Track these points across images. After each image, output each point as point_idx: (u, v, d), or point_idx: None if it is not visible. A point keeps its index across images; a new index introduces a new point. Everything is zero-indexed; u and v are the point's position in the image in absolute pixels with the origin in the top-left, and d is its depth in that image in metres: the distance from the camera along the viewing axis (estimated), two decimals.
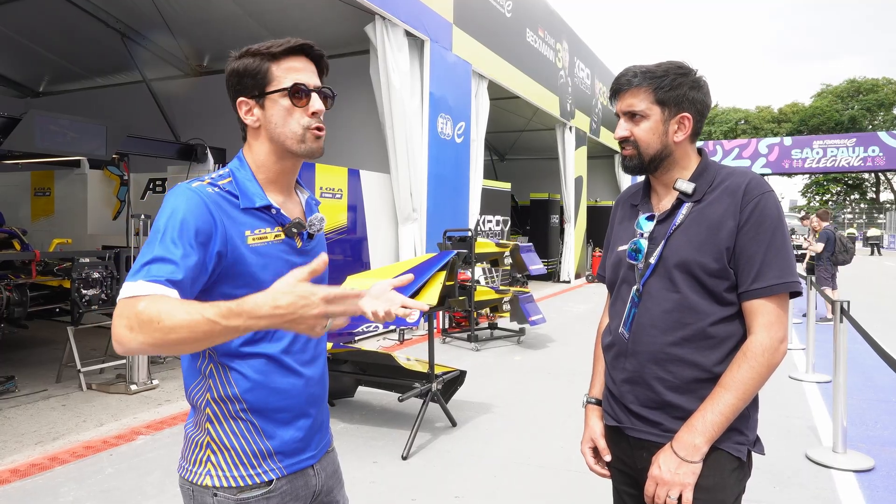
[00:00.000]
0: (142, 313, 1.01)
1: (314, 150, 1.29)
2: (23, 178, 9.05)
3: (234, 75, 1.29)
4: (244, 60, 1.27)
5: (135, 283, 1.07)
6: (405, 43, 7.86)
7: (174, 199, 1.18)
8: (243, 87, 1.27)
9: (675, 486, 1.38)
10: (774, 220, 1.41)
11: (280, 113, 1.26)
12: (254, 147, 1.31)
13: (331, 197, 7.06)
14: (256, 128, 1.29)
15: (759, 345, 1.39)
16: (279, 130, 1.27)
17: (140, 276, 1.08)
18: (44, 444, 3.97)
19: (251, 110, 1.28)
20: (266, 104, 1.27)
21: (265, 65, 1.26)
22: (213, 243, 1.17)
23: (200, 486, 1.26)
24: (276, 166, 1.31)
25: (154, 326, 1.00)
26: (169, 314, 1.00)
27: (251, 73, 1.26)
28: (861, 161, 32.24)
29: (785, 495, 3.41)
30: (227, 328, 0.99)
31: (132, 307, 1.03)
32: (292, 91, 1.25)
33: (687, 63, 1.50)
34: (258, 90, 1.27)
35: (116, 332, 1.03)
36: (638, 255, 1.51)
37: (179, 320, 0.99)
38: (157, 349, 1.02)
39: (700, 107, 1.49)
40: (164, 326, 1.00)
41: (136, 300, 1.04)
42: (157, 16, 8.69)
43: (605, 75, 18.20)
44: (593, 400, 1.68)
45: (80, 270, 5.16)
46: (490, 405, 4.97)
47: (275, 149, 1.29)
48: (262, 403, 1.26)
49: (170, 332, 1.00)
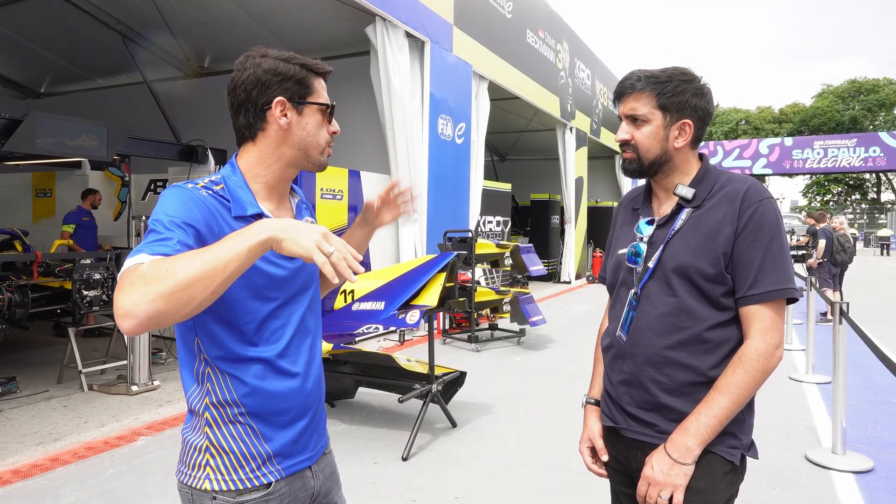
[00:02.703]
0: (146, 272, 0.99)
1: (325, 165, 1.37)
2: (24, 179, 9.08)
3: (275, 74, 1.28)
4: (290, 66, 1.29)
5: (135, 257, 1.05)
6: (405, 44, 7.87)
7: (169, 195, 1.21)
8: (285, 89, 1.28)
9: (666, 486, 1.40)
10: (772, 227, 1.42)
11: (315, 124, 1.32)
12: (264, 150, 1.31)
13: (331, 198, 7.07)
14: (285, 129, 1.29)
15: (755, 350, 1.40)
16: (310, 139, 1.31)
17: (139, 252, 1.07)
18: (45, 445, 3.98)
19: (286, 112, 1.29)
20: (304, 111, 1.30)
21: (311, 77, 1.32)
22: (209, 233, 1.19)
23: (199, 489, 1.26)
24: (282, 173, 1.33)
25: (162, 277, 0.98)
26: (173, 263, 1.00)
27: (298, 79, 1.29)
28: (862, 161, 32.22)
29: (784, 496, 3.42)
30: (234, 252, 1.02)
31: (134, 271, 1.01)
32: (331, 109, 1.35)
33: (691, 70, 1.51)
34: (299, 97, 1.30)
35: (121, 300, 0.97)
36: (637, 258, 1.52)
37: (185, 262, 1.00)
38: (169, 302, 0.97)
39: (702, 114, 1.50)
40: (173, 272, 0.98)
41: (137, 265, 1.02)
42: (158, 17, 8.71)
43: (606, 76, 18.21)
44: (592, 400, 1.70)
45: (82, 272, 5.17)
46: (490, 406, 4.98)
47: (293, 154, 1.31)
48: (259, 407, 1.27)
49: (180, 276, 0.98)
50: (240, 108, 1.30)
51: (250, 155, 1.32)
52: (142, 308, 0.96)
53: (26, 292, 5.17)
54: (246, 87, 1.28)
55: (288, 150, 1.31)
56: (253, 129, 1.30)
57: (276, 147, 1.31)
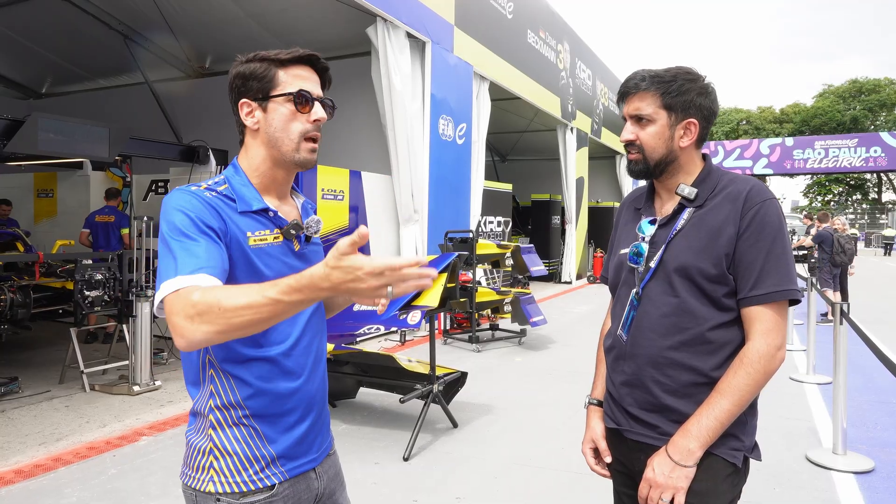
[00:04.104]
0: (199, 303, 1.04)
1: (307, 161, 1.31)
2: (26, 179, 9.08)
3: (239, 77, 1.30)
4: (251, 64, 1.29)
5: (173, 280, 1.09)
6: (406, 44, 7.88)
7: (174, 199, 1.21)
8: (247, 89, 1.29)
9: (668, 489, 1.39)
10: (775, 228, 1.41)
11: (281, 118, 1.28)
12: (250, 151, 1.33)
13: (332, 198, 7.08)
14: (255, 130, 1.30)
15: (756, 351, 1.39)
16: (278, 135, 1.29)
17: (174, 274, 1.10)
18: (47, 445, 3.99)
19: (252, 112, 1.29)
20: (269, 107, 1.28)
21: (272, 70, 1.28)
22: (222, 233, 1.21)
23: (204, 492, 1.27)
24: (270, 173, 1.33)
25: (216, 313, 1.03)
26: (229, 299, 1.03)
27: (257, 76, 1.28)
28: (863, 161, 32.21)
29: (785, 497, 3.42)
30: (291, 303, 1.02)
31: (185, 299, 1.05)
32: (297, 96, 1.27)
33: (696, 69, 1.51)
34: (262, 93, 1.29)
35: (177, 326, 1.05)
36: (639, 258, 1.52)
37: (241, 303, 1.02)
38: (222, 336, 1.05)
39: (707, 113, 1.50)
40: (227, 311, 1.02)
41: (188, 291, 1.06)
42: (159, 17, 8.72)
43: (607, 76, 18.20)
44: (595, 401, 1.69)
45: (83, 272, 5.18)
46: (491, 406, 4.99)
47: (270, 154, 1.31)
48: (263, 409, 1.28)
49: (233, 315, 1.02)
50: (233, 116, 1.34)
51: (244, 157, 1.35)
52: (197, 338, 1.05)
53: (28, 293, 5.18)
54: (228, 95, 1.33)
55: (264, 149, 1.31)
56: (241, 133, 1.34)
57: (256, 148, 1.32)
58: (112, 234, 7.23)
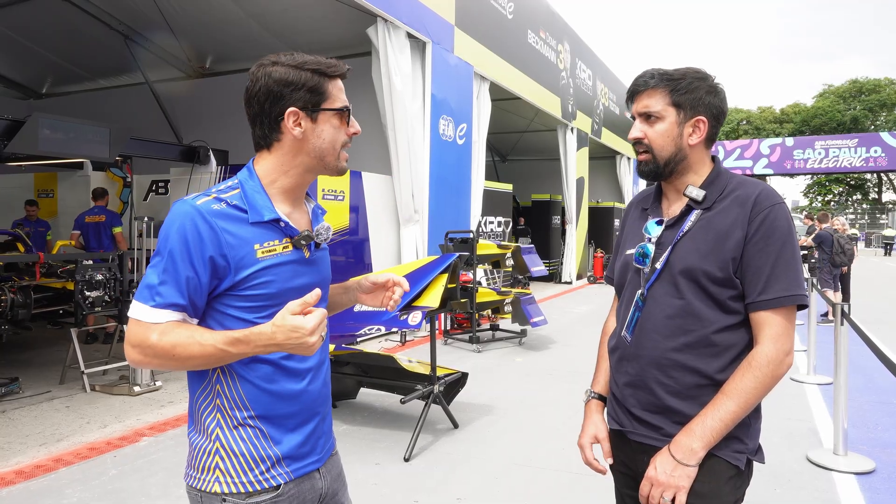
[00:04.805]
0: (156, 346, 1.17)
1: (343, 170, 1.36)
2: (26, 179, 9.08)
3: (286, 85, 1.26)
4: (301, 73, 1.26)
5: (143, 307, 1.19)
6: (407, 45, 7.88)
7: (176, 218, 1.21)
8: (296, 99, 1.27)
9: (669, 488, 1.39)
10: (784, 233, 1.40)
11: (331, 130, 1.31)
12: (282, 157, 1.30)
13: (333, 199, 7.08)
14: (300, 139, 1.29)
15: (765, 356, 1.39)
16: (325, 146, 1.30)
17: (147, 300, 1.20)
18: (48, 446, 3.99)
19: (300, 122, 1.28)
20: (319, 118, 1.29)
21: (325, 83, 1.29)
22: (216, 261, 1.21)
23: (209, 493, 1.27)
24: (299, 179, 1.33)
25: (168, 356, 1.17)
26: (183, 346, 1.17)
27: (310, 87, 1.27)
28: (863, 161, 32.21)
29: (786, 497, 3.42)
30: (235, 355, 1.19)
31: (145, 337, 1.18)
32: (345, 112, 1.33)
33: (705, 70, 1.51)
34: (313, 104, 1.28)
35: (130, 355, 1.20)
36: (645, 259, 1.51)
37: (192, 352, 1.17)
38: (171, 370, 1.22)
39: (716, 111, 1.49)
40: (179, 357, 1.17)
41: (149, 330, 1.18)
42: (160, 17, 8.72)
43: (607, 76, 18.21)
44: (595, 395, 1.68)
45: (84, 272, 5.18)
46: (492, 407, 4.99)
47: (310, 162, 1.31)
48: (269, 410, 1.28)
49: (184, 361, 1.18)
50: (255, 120, 1.30)
51: (267, 162, 1.32)
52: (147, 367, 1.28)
53: (29, 293, 5.18)
54: (259, 99, 1.27)
55: (305, 158, 1.31)
56: (268, 139, 1.30)
57: (293, 156, 1.31)
58: (104, 234, 7.19)
